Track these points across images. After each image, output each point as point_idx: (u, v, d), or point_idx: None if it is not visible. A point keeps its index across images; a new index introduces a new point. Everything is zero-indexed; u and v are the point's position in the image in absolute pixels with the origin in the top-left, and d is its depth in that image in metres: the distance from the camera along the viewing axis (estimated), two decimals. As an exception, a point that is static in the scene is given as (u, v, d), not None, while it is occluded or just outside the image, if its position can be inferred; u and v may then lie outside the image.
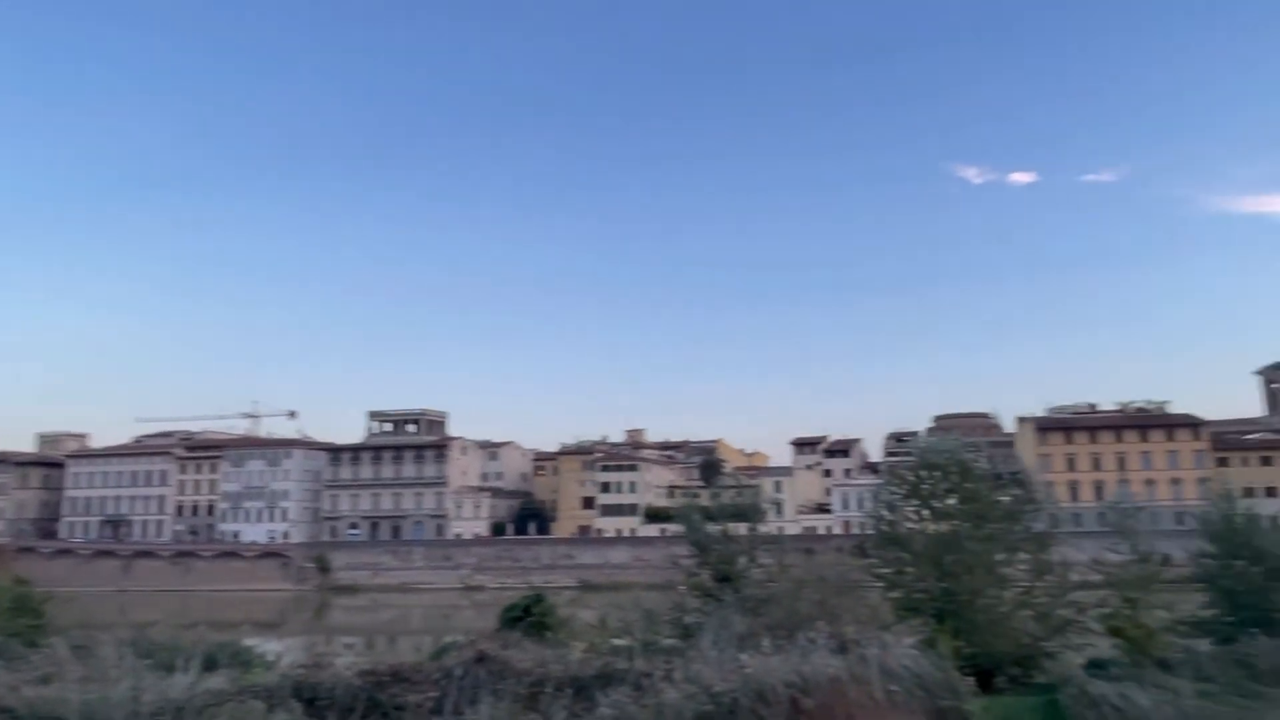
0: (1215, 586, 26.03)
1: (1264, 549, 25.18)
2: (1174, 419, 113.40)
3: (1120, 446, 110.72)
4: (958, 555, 23.89)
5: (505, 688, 14.98)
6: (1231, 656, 21.14)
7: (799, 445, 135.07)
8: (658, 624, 23.42)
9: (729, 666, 15.09)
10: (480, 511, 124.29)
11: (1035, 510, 26.21)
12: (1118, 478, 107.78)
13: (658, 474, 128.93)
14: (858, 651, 16.23)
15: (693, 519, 28.17)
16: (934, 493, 25.71)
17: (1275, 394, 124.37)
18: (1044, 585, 24.44)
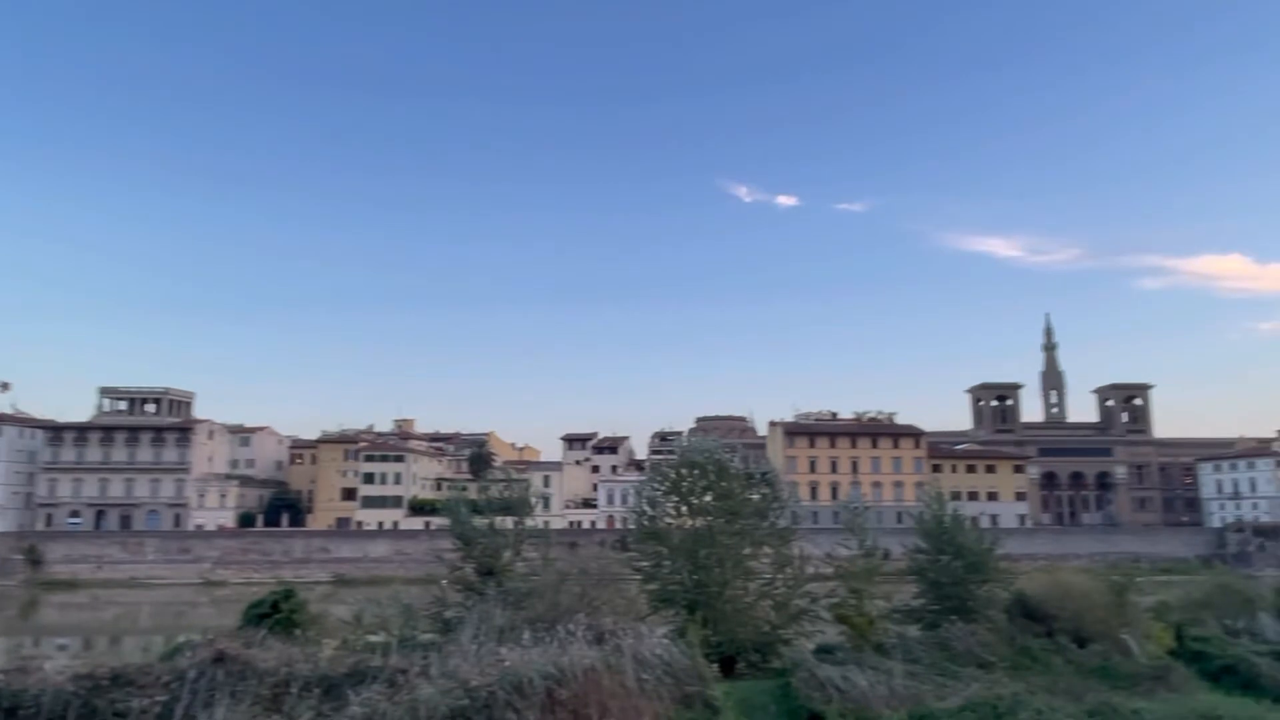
0: (925, 579, 29.40)
1: (965, 546, 28.77)
2: (900, 429, 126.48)
3: (855, 452, 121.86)
4: (711, 549, 25.36)
5: (246, 689, 14.09)
6: (935, 640, 24.06)
7: (569, 441, 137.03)
8: (416, 619, 22.96)
9: (488, 660, 15.10)
10: (227, 501, 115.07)
11: (780, 508, 28.29)
12: (851, 480, 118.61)
13: (426, 466, 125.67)
14: (614, 642, 16.83)
15: (459, 512, 27.85)
16: (693, 490, 27.11)
17: (981, 410, 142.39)
18: (784, 577, 26.48)
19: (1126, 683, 20.86)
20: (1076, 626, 24.02)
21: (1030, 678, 20.54)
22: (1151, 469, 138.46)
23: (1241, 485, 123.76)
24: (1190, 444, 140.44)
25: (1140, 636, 24.62)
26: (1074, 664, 22.10)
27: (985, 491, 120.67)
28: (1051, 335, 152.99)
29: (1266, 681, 21.70)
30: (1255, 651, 24.36)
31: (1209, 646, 25.03)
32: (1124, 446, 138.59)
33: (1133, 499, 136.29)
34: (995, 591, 27.54)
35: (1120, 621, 24.81)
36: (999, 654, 22.48)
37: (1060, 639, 23.50)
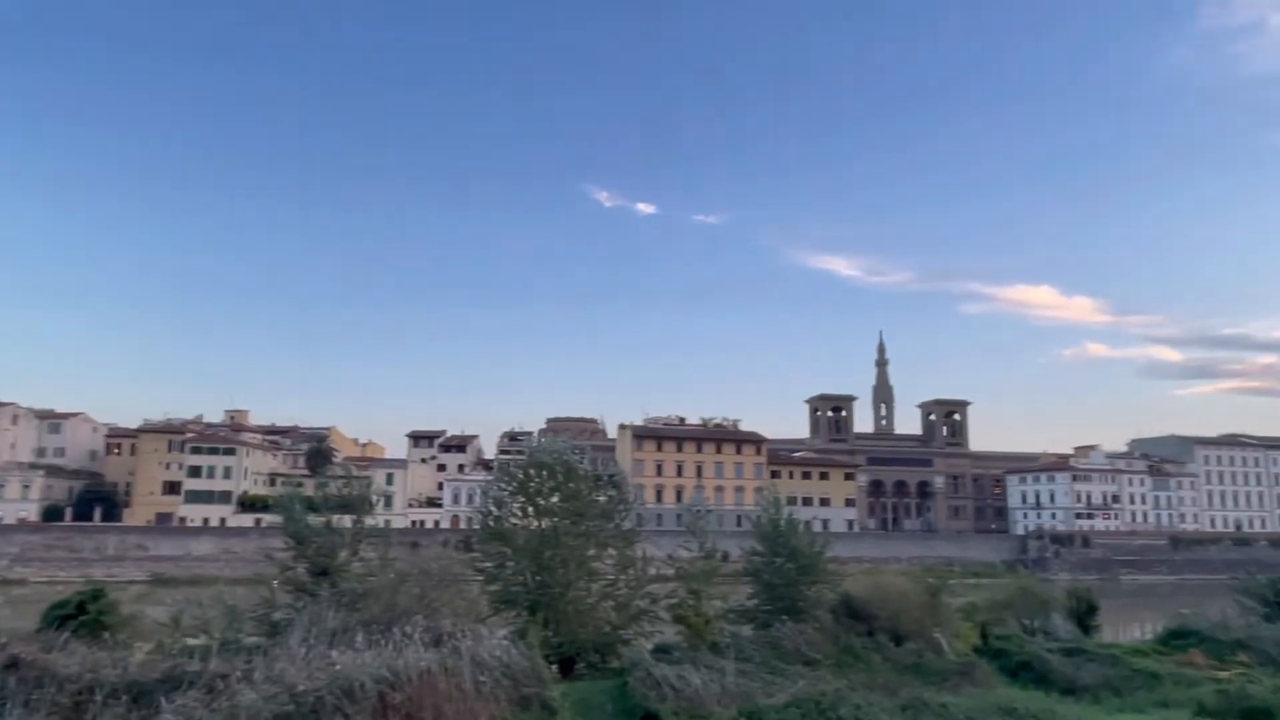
0: (759, 580, 30.53)
1: (798, 549, 30.08)
2: (743, 435, 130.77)
3: (700, 456, 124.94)
4: (556, 550, 25.38)
5: (42, 697, 12.96)
6: (766, 639, 25.04)
7: (416, 438, 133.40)
8: (241, 621, 21.77)
9: (317, 664, 14.53)
10: (31, 492, 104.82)
11: (626, 510, 28.66)
12: (695, 483, 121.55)
13: (259, 460, 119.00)
14: (452, 644, 16.57)
15: (293, 509, 26.61)
16: (540, 490, 27.04)
17: (818, 420, 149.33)
18: (626, 579, 26.84)
19: (937, 678, 22.37)
20: (895, 626, 25.58)
21: (852, 674, 21.69)
22: (966, 479, 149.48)
23: (1043, 497, 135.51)
24: (1001, 457, 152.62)
25: (950, 635, 26.51)
26: (891, 661, 23.51)
27: (819, 497, 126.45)
28: (883, 352, 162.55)
29: (1056, 676, 23.86)
30: (1048, 649, 26.73)
31: (1009, 645, 27.26)
32: (943, 458, 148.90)
33: (949, 507, 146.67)
34: (823, 592, 28.90)
35: (934, 621, 26.62)
36: (825, 652, 23.63)
37: (880, 637, 24.94)
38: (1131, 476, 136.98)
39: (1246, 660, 27.34)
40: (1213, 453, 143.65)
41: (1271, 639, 29.43)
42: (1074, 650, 26.70)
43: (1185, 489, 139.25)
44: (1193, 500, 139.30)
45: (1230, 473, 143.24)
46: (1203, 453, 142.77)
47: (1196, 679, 23.45)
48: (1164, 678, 23.74)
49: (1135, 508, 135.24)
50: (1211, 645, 29.47)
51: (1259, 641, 29.24)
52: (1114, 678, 23.63)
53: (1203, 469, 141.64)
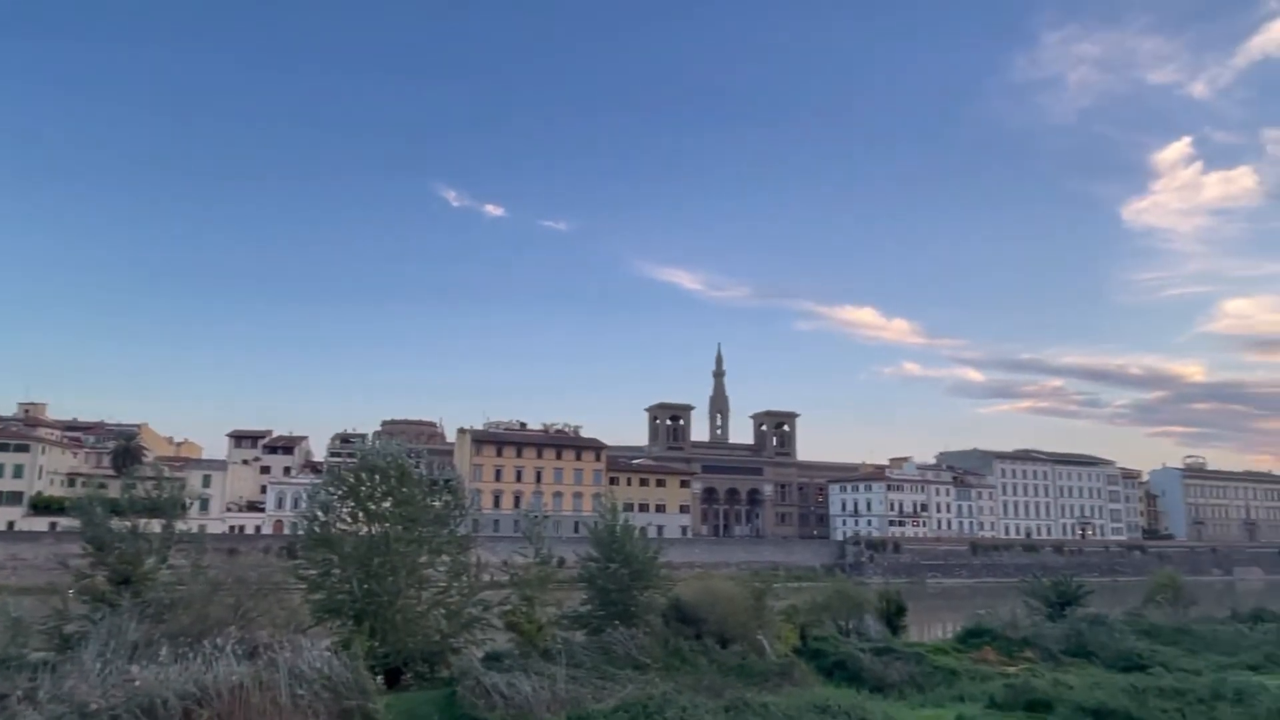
0: (594, 585, 30.69)
1: (633, 554, 30.46)
2: (584, 442, 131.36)
3: (540, 462, 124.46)
4: (385, 557, 24.53)
5: None
6: (598, 645, 25.22)
7: (238, 438, 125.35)
8: (27, 634, 19.76)
9: (114, 680, 13.43)
10: None
11: (462, 516, 28.10)
12: (534, 489, 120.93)
13: (57, 458, 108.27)
14: (269, 656, 15.73)
15: (93, 511, 24.40)
16: (371, 495, 26.05)
17: (657, 428, 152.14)
18: (459, 586, 26.31)
19: (759, 679, 23.26)
20: (722, 629, 26.40)
21: (680, 677, 22.19)
22: (793, 487, 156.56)
23: (861, 505, 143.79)
24: (825, 467, 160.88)
25: (773, 637, 27.64)
26: (717, 663, 24.23)
27: (655, 504, 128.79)
28: (721, 364, 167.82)
29: (867, 674, 25.36)
30: (861, 649, 28.35)
31: (826, 645, 28.72)
32: (772, 467, 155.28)
33: (777, 513, 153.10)
34: (656, 597, 29.42)
35: (758, 624, 27.68)
36: (654, 656, 24.06)
37: (707, 640, 25.66)
38: (939, 487, 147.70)
39: (1031, 656, 30.10)
40: (1009, 466, 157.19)
41: (1053, 636, 32.52)
42: (883, 649, 28.44)
43: (985, 499, 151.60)
44: (991, 509, 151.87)
45: (1023, 484, 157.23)
46: (1000, 466, 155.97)
47: (989, 674, 25.56)
48: (961, 674, 25.72)
49: (941, 516, 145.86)
50: (1002, 643, 32.22)
51: (1042, 639, 32.25)
52: (918, 674, 25.36)
53: (1000, 481, 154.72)
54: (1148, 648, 30.75)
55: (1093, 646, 30.77)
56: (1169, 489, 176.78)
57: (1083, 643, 31.30)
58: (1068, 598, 42.02)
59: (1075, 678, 24.19)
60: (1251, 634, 35.41)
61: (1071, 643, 31.51)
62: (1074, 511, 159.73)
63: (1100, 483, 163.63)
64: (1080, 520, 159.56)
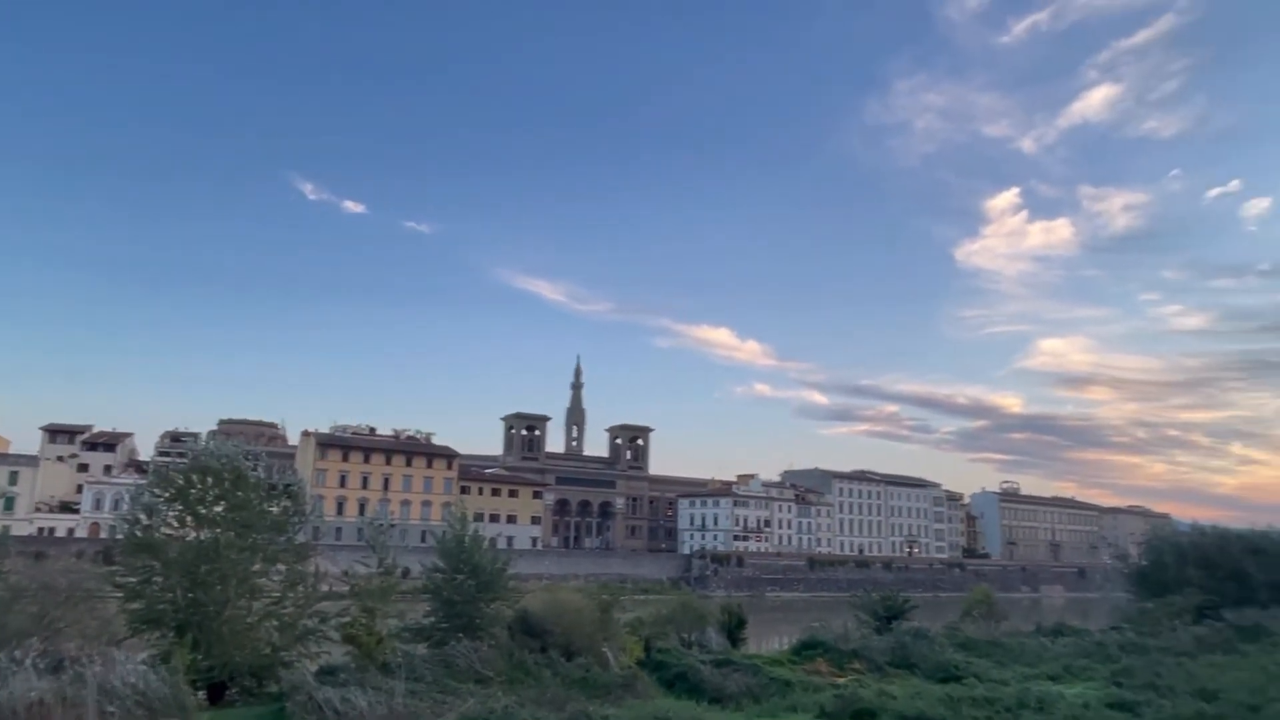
0: (439, 597, 30.03)
1: (481, 565, 30.03)
2: (436, 449, 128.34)
3: (388, 468, 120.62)
4: (214, 565, 23.12)
5: None
6: (440, 658, 24.69)
7: (53, 433, 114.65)
8: None
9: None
10: None
11: (301, 523, 26.87)
12: (381, 496, 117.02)
13: None
14: (76, 670, 14.52)
15: None
16: (202, 498, 24.53)
17: (512, 438, 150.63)
18: (294, 596, 25.13)
19: (602, 691, 23.40)
20: (568, 641, 26.40)
21: (523, 690, 22.03)
22: (644, 501, 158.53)
23: (708, 519, 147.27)
24: (676, 481, 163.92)
25: (618, 649, 27.87)
26: (561, 676, 24.21)
27: (506, 514, 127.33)
28: (580, 376, 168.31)
29: (707, 686, 25.95)
30: (702, 660, 28.99)
31: (669, 657, 29.20)
32: (625, 480, 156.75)
33: (627, 526, 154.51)
34: (502, 609, 29.11)
35: (604, 636, 27.84)
36: (498, 669, 23.79)
37: (553, 653, 25.61)
38: (782, 504, 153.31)
39: (860, 667, 31.67)
40: (846, 485, 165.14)
41: (880, 648, 34.33)
42: (723, 661, 29.20)
43: (823, 516, 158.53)
44: (829, 526, 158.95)
45: (858, 504, 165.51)
46: (839, 485, 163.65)
47: (820, 685, 26.71)
48: (795, 684, 26.75)
49: (782, 532, 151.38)
50: (834, 654, 33.74)
51: (870, 651, 33.98)
52: (754, 685, 26.18)
53: (838, 499, 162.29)
54: (964, 659, 32.95)
55: (915, 658, 32.70)
56: (987, 511, 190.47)
57: (906, 654, 33.20)
58: (894, 612, 44.48)
59: (898, 688, 25.67)
60: (1053, 646, 38.60)
61: (896, 654, 33.36)
62: (903, 530, 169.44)
63: (927, 504, 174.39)
64: (908, 538, 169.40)
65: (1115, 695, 25.99)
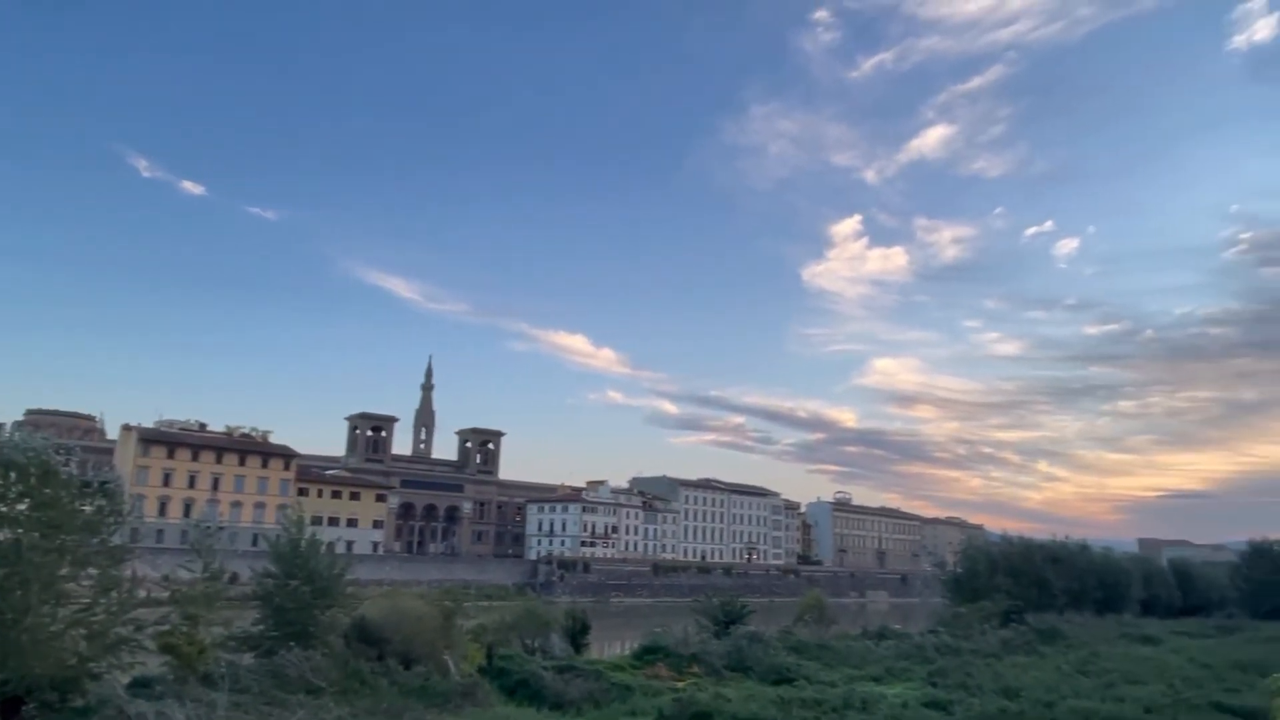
0: (270, 604, 28.60)
1: (316, 570, 28.83)
2: (272, 448, 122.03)
3: (219, 468, 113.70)
4: (14, 568, 21.10)
5: None
6: (268, 668, 23.52)
7: None
8: None
9: None
10: None
11: (117, 524, 24.94)
12: (209, 497, 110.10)
13: None
14: None
15: None
16: (4, 495, 22.36)
17: (357, 439, 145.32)
18: (107, 602, 23.30)
19: (441, 700, 23.00)
20: (408, 649, 25.78)
21: (358, 701, 21.36)
22: (493, 506, 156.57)
23: (556, 525, 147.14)
24: (526, 487, 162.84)
25: (459, 657, 27.47)
26: (399, 685, 23.61)
27: (347, 518, 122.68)
28: (431, 376, 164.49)
29: (548, 692, 25.97)
30: (544, 667, 28.98)
31: (511, 664, 29.02)
32: (474, 484, 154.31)
33: (474, 532, 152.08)
34: (338, 616, 28.08)
35: (446, 643, 27.37)
36: (331, 679, 22.93)
37: (391, 661, 24.93)
38: (629, 510, 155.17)
39: (698, 671, 32.52)
40: (692, 493, 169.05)
41: (718, 652, 35.38)
42: (565, 667, 29.30)
43: (669, 523, 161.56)
44: (674, 533, 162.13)
45: (703, 511, 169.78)
46: (685, 492, 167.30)
47: (660, 689, 27.26)
48: (635, 689, 27.19)
49: (629, 538, 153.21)
50: (674, 659, 34.49)
51: (709, 655, 34.96)
52: (596, 691, 26.42)
53: (684, 507, 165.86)
54: (795, 662, 34.47)
55: (750, 661, 33.92)
56: (821, 520, 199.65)
57: (742, 658, 34.39)
58: (733, 616, 45.95)
59: (734, 691, 26.57)
60: (877, 649, 40.96)
61: (733, 658, 34.50)
62: (744, 537, 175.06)
63: (767, 512, 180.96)
64: (748, 545, 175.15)
65: (931, 695, 27.91)
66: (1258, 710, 24.47)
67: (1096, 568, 73.04)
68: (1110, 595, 71.26)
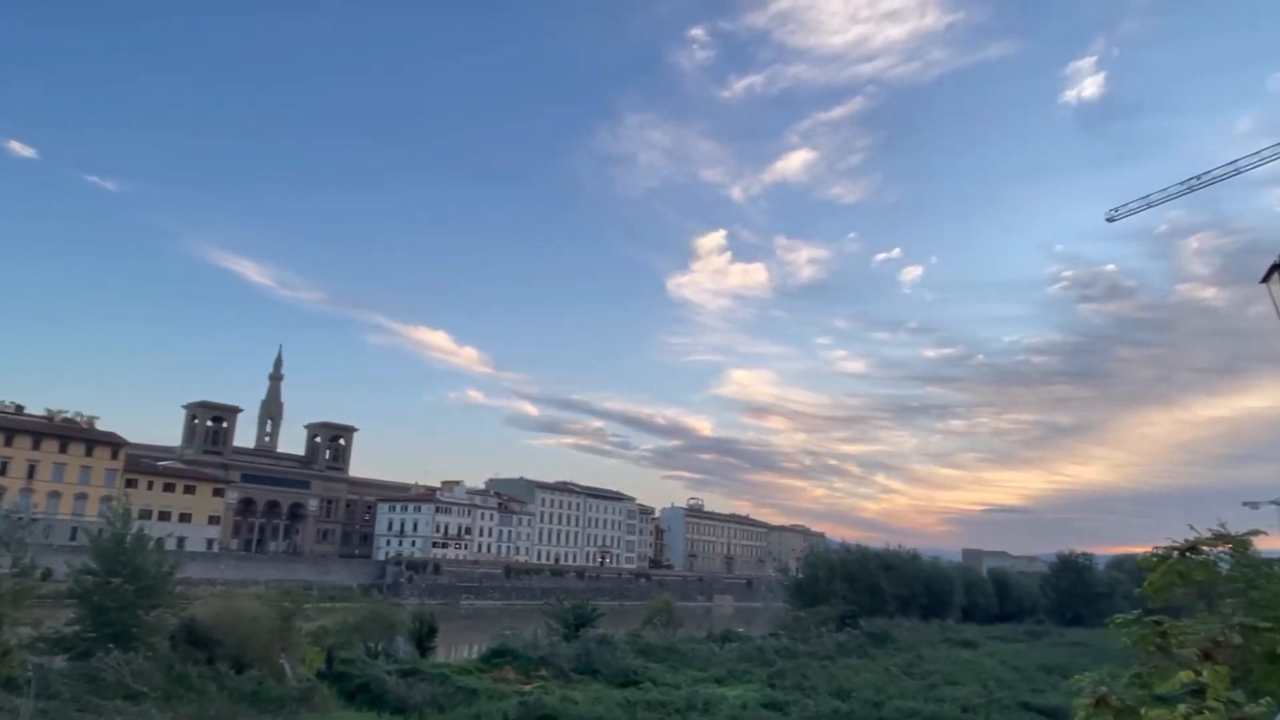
0: (88, 602, 26.60)
1: (142, 567, 27.03)
2: (97, 435, 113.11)
3: (35, 454, 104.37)
4: None
5: None
6: (83, 671, 21.90)
7: None
8: None
9: None
10: None
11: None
12: (23, 486, 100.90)
13: None
14: None
15: None
16: None
17: (195, 429, 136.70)
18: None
19: (275, 705, 22.10)
20: (241, 652, 24.59)
21: (182, 706, 20.27)
22: (341, 504, 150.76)
23: (408, 525, 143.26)
24: (378, 485, 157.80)
25: (297, 660, 26.42)
26: (229, 690, 22.53)
27: (180, 512, 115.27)
28: (280, 366, 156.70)
29: (391, 696, 25.38)
30: (387, 671, 28.29)
31: (352, 668, 28.17)
32: (321, 481, 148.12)
33: (319, 530, 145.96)
34: (165, 617, 26.48)
35: (283, 646, 26.27)
36: (154, 683, 21.62)
37: (221, 665, 23.75)
38: (485, 511, 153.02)
39: (546, 674, 32.56)
40: (549, 496, 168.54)
41: (567, 655, 35.53)
42: (410, 671, 28.73)
43: (524, 525, 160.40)
44: (528, 535, 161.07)
45: (559, 514, 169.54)
46: (541, 495, 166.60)
47: (506, 693, 27.13)
48: (481, 693, 26.95)
49: (483, 540, 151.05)
50: (522, 661, 34.39)
51: (557, 658, 35.06)
52: (440, 695, 26.04)
53: (540, 509, 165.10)
54: (642, 665, 35.06)
55: (599, 664, 34.24)
56: (674, 525, 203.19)
57: (591, 661, 34.67)
58: (583, 619, 46.24)
59: (581, 693, 26.79)
60: (721, 652, 42.20)
61: (582, 661, 34.72)
62: (598, 541, 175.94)
63: (622, 516, 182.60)
64: (602, 549, 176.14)
65: (769, 696, 29.05)
66: (1059, 709, 26.81)
67: (925, 576, 78.10)
68: (936, 601, 76.23)
